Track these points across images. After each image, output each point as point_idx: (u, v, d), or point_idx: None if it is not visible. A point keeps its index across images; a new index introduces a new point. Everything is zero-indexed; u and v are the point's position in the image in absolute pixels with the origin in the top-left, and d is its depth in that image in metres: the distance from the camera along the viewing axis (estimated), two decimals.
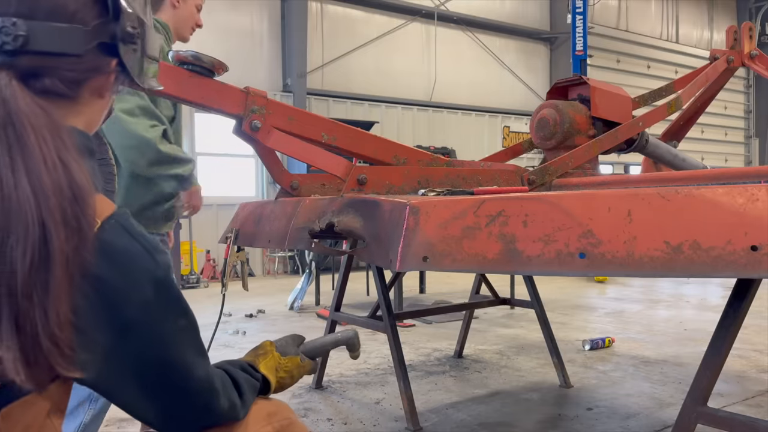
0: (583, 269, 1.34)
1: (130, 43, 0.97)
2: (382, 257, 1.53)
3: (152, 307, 0.92)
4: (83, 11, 0.91)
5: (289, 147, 2.25)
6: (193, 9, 2.81)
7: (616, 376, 3.75)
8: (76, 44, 0.90)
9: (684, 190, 1.33)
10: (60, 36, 0.89)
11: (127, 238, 0.91)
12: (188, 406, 1.05)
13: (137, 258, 0.91)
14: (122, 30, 0.95)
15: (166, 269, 0.95)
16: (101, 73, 0.96)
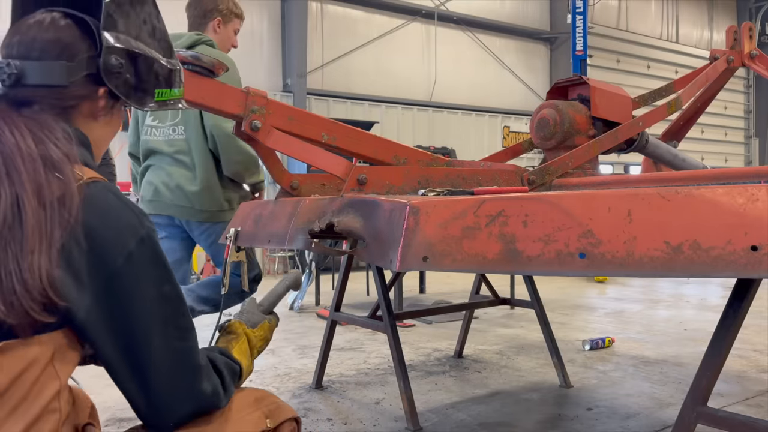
0: (583, 269, 1.34)
1: (116, 72, 1.16)
2: (382, 257, 1.53)
3: (136, 259, 1.04)
4: (69, 49, 1.13)
5: (289, 147, 2.25)
6: (231, 33, 3.24)
7: (616, 376, 3.75)
8: (60, 77, 1.12)
9: (684, 190, 1.33)
10: (47, 71, 1.11)
11: (112, 197, 1.07)
12: (169, 379, 1.09)
13: (122, 213, 1.06)
14: (105, 63, 1.14)
15: (151, 231, 1.08)
16: (89, 99, 1.17)
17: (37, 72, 1.11)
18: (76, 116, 1.17)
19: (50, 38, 1.13)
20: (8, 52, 1.13)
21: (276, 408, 1.35)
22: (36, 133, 1.06)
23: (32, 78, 1.11)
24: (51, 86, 1.12)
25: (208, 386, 1.15)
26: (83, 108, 1.18)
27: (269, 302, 1.53)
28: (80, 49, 1.15)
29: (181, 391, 1.11)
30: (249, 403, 1.32)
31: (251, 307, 1.49)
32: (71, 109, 1.16)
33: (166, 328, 1.09)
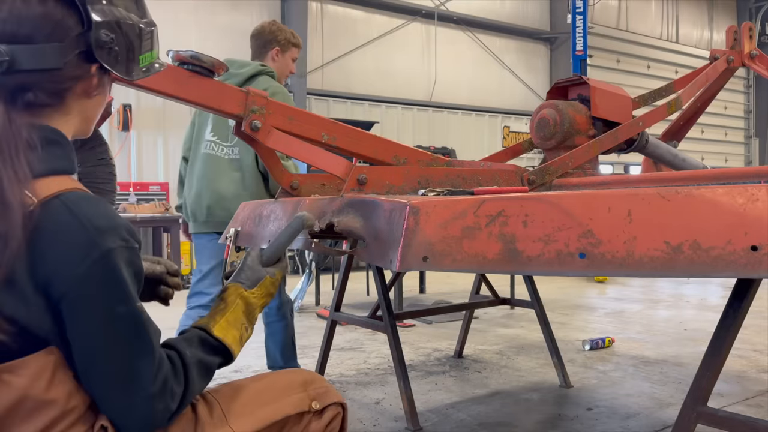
0: (583, 269, 1.34)
1: (107, 48, 1.11)
2: (382, 257, 1.53)
3: (84, 283, 1.02)
4: (58, 29, 1.07)
5: (289, 147, 2.25)
6: (289, 61, 3.41)
7: (616, 376, 3.75)
8: (54, 59, 1.07)
9: (684, 190, 1.33)
10: (40, 55, 1.06)
11: (66, 215, 1.02)
12: (119, 398, 1.08)
13: (73, 234, 1.02)
14: (96, 39, 1.10)
15: (107, 251, 1.03)
16: (83, 78, 1.13)
17: (30, 56, 1.05)
18: (70, 97, 1.14)
19: (38, 17, 1.07)
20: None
21: (324, 392, 1.38)
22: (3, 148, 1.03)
23: (25, 63, 1.05)
24: (45, 70, 1.07)
25: (160, 405, 1.11)
26: (77, 88, 1.14)
27: (271, 252, 1.40)
28: (69, 26, 1.09)
29: (131, 411, 1.09)
30: (296, 385, 1.37)
31: (252, 261, 1.37)
32: (66, 91, 1.12)
33: (116, 348, 1.06)
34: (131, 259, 1.08)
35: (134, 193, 8.30)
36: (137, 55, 1.18)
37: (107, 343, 1.06)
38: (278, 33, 3.34)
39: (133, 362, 1.08)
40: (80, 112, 1.17)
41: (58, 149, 1.11)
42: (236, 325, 1.28)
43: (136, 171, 9.07)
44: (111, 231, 1.05)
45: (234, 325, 1.28)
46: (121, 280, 1.05)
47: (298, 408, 1.34)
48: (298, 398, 1.35)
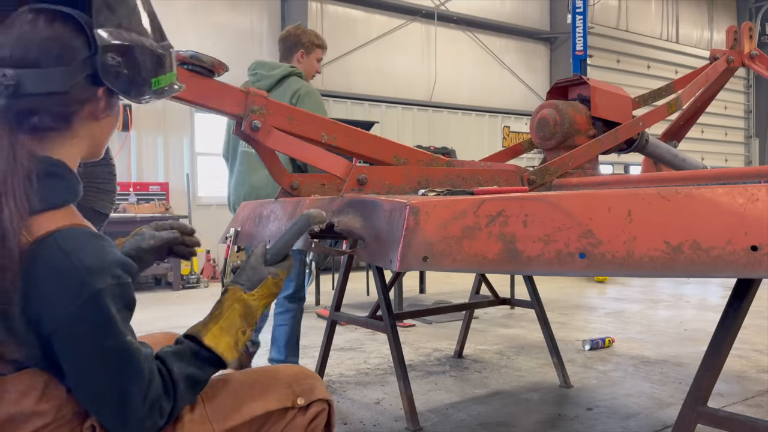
0: (583, 269, 1.34)
1: (114, 71, 1.12)
2: (382, 257, 1.53)
3: (73, 321, 1.05)
4: (65, 53, 1.09)
5: (289, 147, 2.25)
6: (314, 61, 3.60)
7: (616, 376, 3.75)
8: (60, 83, 1.08)
9: (684, 190, 1.33)
10: (46, 79, 1.07)
11: (59, 255, 1.05)
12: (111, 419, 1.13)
13: (64, 273, 1.04)
14: (103, 62, 1.11)
15: (97, 292, 1.05)
16: (90, 101, 1.15)
17: (36, 80, 1.07)
18: (77, 120, 1.15)
19: (45, 41, 1.09)
20: (1, 57, 1.08)
21: (310, 388, 1.38)
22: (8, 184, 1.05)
23: (31, 87, 1.07)
24: (51, 93, 1.09)
25: (148, 423, 1.14)
26: (84, 111, 1.16)
27: (276, 250, 1.38)
28: (76, 50, 1.11)
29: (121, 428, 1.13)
30: (282, 380, 1.36)
31: (256, 260, 1.35)
32: (72, 115, 1.14)
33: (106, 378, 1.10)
34: (123, 294, 1.11)
35: (134, 193, 8.30)
36: (149, 77, 1.19)
37: (97, 374, 1.10)
38: (302, 36, 3.56)
39: (123, 390, 1.11)
40: (88, 135, 1.19)
41: (57, 181, 1.13)
42: (230, 332, 1.27)
43: (136, 171, 9.07)
44: (101, 271, 1.07)
45: (228, 331, 1.27)
46: (110, 317, 1.08)
47: (281, 404, 1.34)
48: (283, 394, 1.35)
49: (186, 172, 9.33)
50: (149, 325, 5.34)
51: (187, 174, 9.31)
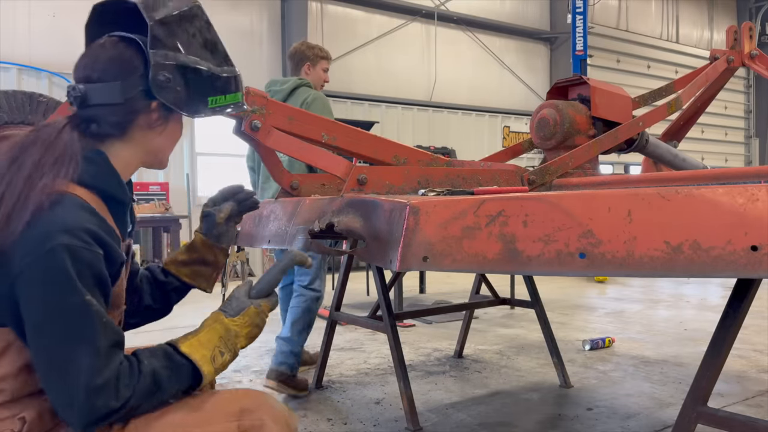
0: (583, 269, 1.34)
1: (166, 87, 1.30)
2: (382, 257, 1.53)
3: (33, 266, 1.14)
4: (124, 70, 1.29)
5: (289, 147, 2.25)
6: (320, 72, 3.90)
7: (616, 376, 3.75)
8: (117, 95, 1.29)
9: (684, 190, 1.33)
10: (106, 92, 1.28)
11: (45, 211, 1.18)
12: (59, 387, 1.15)
13: (40, 224, 1.16)
14: (154, 79, 1.29)
15: (56, 245, 1.14)
16: (144, 113, 1.33)
17: (98, 93, 1.28)
18: (134, 129, 1.33)
19: (107, 61, 1.30)
20: (76, 75, 1.31)
21: (259, 426, 1.26)
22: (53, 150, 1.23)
23: (94, 98, 1.29)
24: (110, 105, 1.29)
25: (99, 401, 1.13)
26: (140, 121, 1.33)
27: (262, 285, 1.42)
28: (133, 68, 1.30)
29: (69, 399, 1.13)
30: (229, 412, 1.26)
31: (239, 293, 1.40)
32: (128, 123, 1.32)
33: (57, 335, 1.14)
34: (86, 259, 1.17)
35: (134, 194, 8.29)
36: (205, 96, 1.36)
37: (49, 329, 1.14)
38: (307, 50, 3.91)
39: (72, 351, 1.13)
40: (143, 143, 1.36)
41: (90, 166, 1.28)
42: (208, 346, 1.29)
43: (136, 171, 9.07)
44: (70, 230, 1.16)
45: (205, 345, 1.29)
46: (66, 271, 1.14)
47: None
48: (224, 428, 1.24)
49: (186, 172, 9.33)
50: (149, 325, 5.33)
51: (187, 174, 9.31)
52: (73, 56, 1.38)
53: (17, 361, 1.21)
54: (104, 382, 1.14)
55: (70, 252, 1.15)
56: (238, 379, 3.71)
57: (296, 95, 3.66)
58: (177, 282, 1.66)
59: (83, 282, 1.16)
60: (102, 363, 1.14)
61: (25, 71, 8.12)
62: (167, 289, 1.65)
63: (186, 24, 1.35)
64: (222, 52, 1.42)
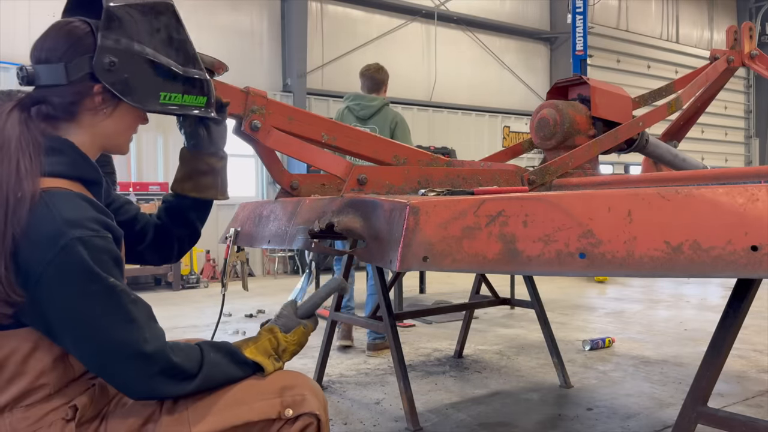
0: (583, 269, 1.34)
1: (109, 71, 1.27)
2: (382, 257, 1.53)
3: (53, 267, 1.14)
4: (70, 51, 1.27)
5: (289, 147, 2.25)
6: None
7: (616, 376, 3.75)
8: (61, 77, 1.26)
9: (684, 190, 1.33)
10: (50, 73, 1.26)
11: (43, 208, 1.17)
12: (112, 368, 1.19)
13: (44, 224, 1.16)
14: (97, 62, 1.26)
15: (71, 240, 1.15)
16: (88, 96, 1.29)
17: (45, 73, 1.27)
18: (82, 111, 1.30)
19: (55, 41, 1.28)
20: (31, 55, 1.31)
21: (301, 400, 1.36)
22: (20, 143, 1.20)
23: (41, 79, 1.27)
24: (55, 86, 1.27)
25: (154, 368, 1.20)
26: (86, 103, 1.30)
27: (308, 306, 1.56)
28: (81, 50, 1.27)
29: (129, 377, 1.19)
30: (272, 389, 1.35)
31: (288, 311, 1.52)
32: (74, 105, 1.29)
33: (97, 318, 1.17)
34: (100, 245, 1.19)
35: (134, 193, 8.30)
36: (157, 90, 1.34)
37: (84, 320, 1.17)
38: (386, 76, 4.73)
39: (113, 332, 1.18)
40: (92, 127, 1.32)
41: (60, 156, 1.26)
42: (264, 354, 1.39)
43: (136, 171, 9.07)
44: (77, 223, 1.17)
45: (262, 353, 1.39)
46: (85, 263, 1.16)
47: (265, 415, 1.32)
48: (269, 404, 1.33)
49: None
50: None
51: None
52: None
53: (50, 355, 1.23)
54: (154, 350, 1.19)
55: (84, 243, 1.16)
56: None
57: (384, 113, 4.43)
58: (187, 200, 1.68)
59: (102, 267, 1.18)
60: (145, 333, 1.20)
61: None
62: (182, 209, 1.68)
63: (150, 17, 1.33)
64: (191, 55, 1.41)
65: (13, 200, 1.16)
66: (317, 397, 1.39)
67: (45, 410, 1.23)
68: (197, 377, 1.25)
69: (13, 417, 1.22)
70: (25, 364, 1.22)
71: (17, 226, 1.15)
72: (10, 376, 1.22)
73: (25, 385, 1.22)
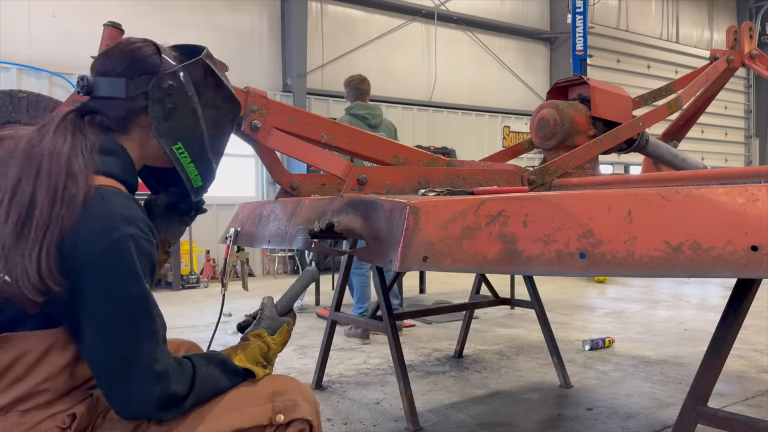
0: (583, 269, 1.34)
1: (161, 91, 1.32)
2: (382, 257, 1.53)
3: (101, 258, 1.16)
4: (132, 68, 1.33)
5: (289, 147, 2.25)
6: None
7: (616, 376, 3.75)
8: (120, 91, 1.31)
9: (684, 190, 1.33)
10: (110, 85, 1.32)
11: (99, 201, 1.20)
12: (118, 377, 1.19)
13: (99, 217, 1.18)
14: (158, 81, 1.32)
15: (124, 235, 1.17)
16: (143, 113, 1.33)
17: (104, 86, 1.32)
18: (133, 127, 1.35)
19: (120, 57, 1.34)
20: (92, 67, 1.36)
21: (293, 405, 1.35)
22: (74, 143, 1.24)
23: (99, 91, 1.32)
24: (112, 98, 1.32)
25: (157, 390, 1.19)
26: (139, 120, 1.34)
27: (286, 302, 1.56)
28: (143, 70, 1.33)
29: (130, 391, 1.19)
30: (263, 395, 1.35)
31: (270, 312, 1.52)
32: (127, 120, 1.34)
33: (123, 324, 1.18)
34: (146, 249, 1.22)
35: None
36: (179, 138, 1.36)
37: (114, 316, 1.17)
38: (369, 87, 5.18)
39: (136, 339, 1.19)
40: (141, 143, 1.36)
41: (113, 158, 1.31)
42: (253, 361, 1.40)
43: None
44: (132, 221, 1.20)
45: (251, 360, 1.40)
46: (133, 261, 1.18)
47: (256, 421, 1.32)
48: (260, 410, 1.32)
49: None
50: None
51: None
52: (73, 56, 1.39)
53: (60, 359, 1.23)
54: (163, 370, 1.20)
55: (135, 242, 1.19)
56: None
57: (385, 120, 5.02)
58: None
59: (143, 271, 1.20)
60: (161, 351, 1.21)
61: (24, 71, 8.12)
62: None
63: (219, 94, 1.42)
64: (221, 147, 1.46)
65: (67, 196, 1.17)
66: (309, 402, 1.38)
67: (41, 416, 1.22)
68: (188, 398, 1.25)
69: (7, 421, 1.20)
70: (33, 368, 1.21)
71: (68, 220, 1.16)
72: (15, 377, 1.21)
73: (28, 388, 1.21)
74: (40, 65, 8.18)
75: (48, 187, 1.18)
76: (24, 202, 1.17)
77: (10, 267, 1.15)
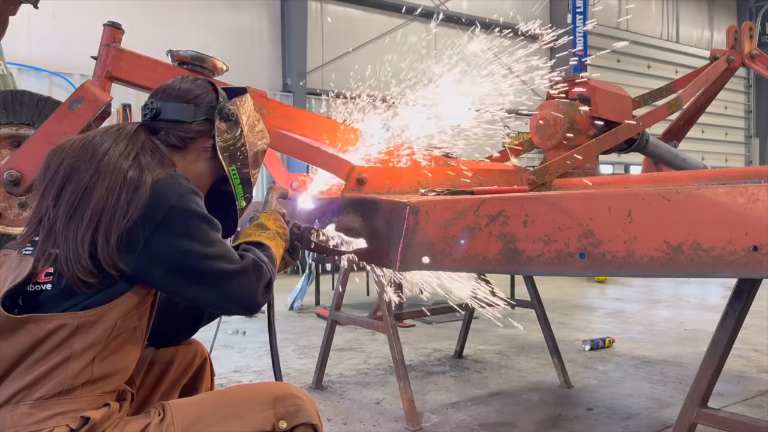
0: (583, 269, 1.34)
1: (226, 116, 1.50)
2: (382, 257, 1.53)
3: (173, 211, 1.29)
4: (197, 97, 1.50)
5: (289, 147, 2.25)
6: None
7: (616, 376, 3.75)
8: (188, 114, 1.48)
9: (684, 190, 1.33)
10: (178, 110, 1.48)
11: (169, 179, 1.33)
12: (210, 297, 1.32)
13: (164, 188, 1.30)
14: (222, 108, 1.50)
15: (188, 191, 1.32)
16: (206, 136, 1.50)
17: (171, 110, 1.47)
18: (192, 148, 1.49)
19: (185, 88, 1.50)
20: (155, 94, 1.51)
21: (295, 411, 1.35)
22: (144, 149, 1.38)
23: (166, 114, 1.47)
24: (178, 121, 1.46)
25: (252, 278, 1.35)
26: (199, 142, 1.49)
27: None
28: (205, 100, 1.50)
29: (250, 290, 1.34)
30: (265, 401, 1.35)
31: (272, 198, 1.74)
32: (189, 141, 1.48)
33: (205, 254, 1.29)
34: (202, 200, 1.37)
35: None
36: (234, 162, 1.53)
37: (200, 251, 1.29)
38: None
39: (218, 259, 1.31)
40: (193, 163, 1.50)
41: (170, 168, 1.42)
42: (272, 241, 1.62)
43: None
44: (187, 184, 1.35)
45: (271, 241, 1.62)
46: (199, 207, 1.33)
47: (258, 427, 1.31)
48: (262, 416, 1.32)
49: None
50: None
51: None
52: (73, 56, 1.40)
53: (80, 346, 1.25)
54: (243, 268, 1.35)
55: (195, 193, 1.35)
56: (237, 379, 3.70)
57: None
58: None
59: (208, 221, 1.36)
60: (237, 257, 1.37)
61: (25, 71, 8.11)
62: None
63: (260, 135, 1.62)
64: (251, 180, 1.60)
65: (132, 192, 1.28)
66: (311, 406, 1.38)
67: (52, 411, 1.21)
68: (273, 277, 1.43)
69: (17, 411, 1.20)
70: (54, 350, 1.23)
71: (136, 211, 1.26)
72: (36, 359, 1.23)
73: (46, 370, 1.22)
74: (40, 65, 8.18)
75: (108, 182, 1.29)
76: (78, 191, 1.29)
77: (60, 245, 1.26)
